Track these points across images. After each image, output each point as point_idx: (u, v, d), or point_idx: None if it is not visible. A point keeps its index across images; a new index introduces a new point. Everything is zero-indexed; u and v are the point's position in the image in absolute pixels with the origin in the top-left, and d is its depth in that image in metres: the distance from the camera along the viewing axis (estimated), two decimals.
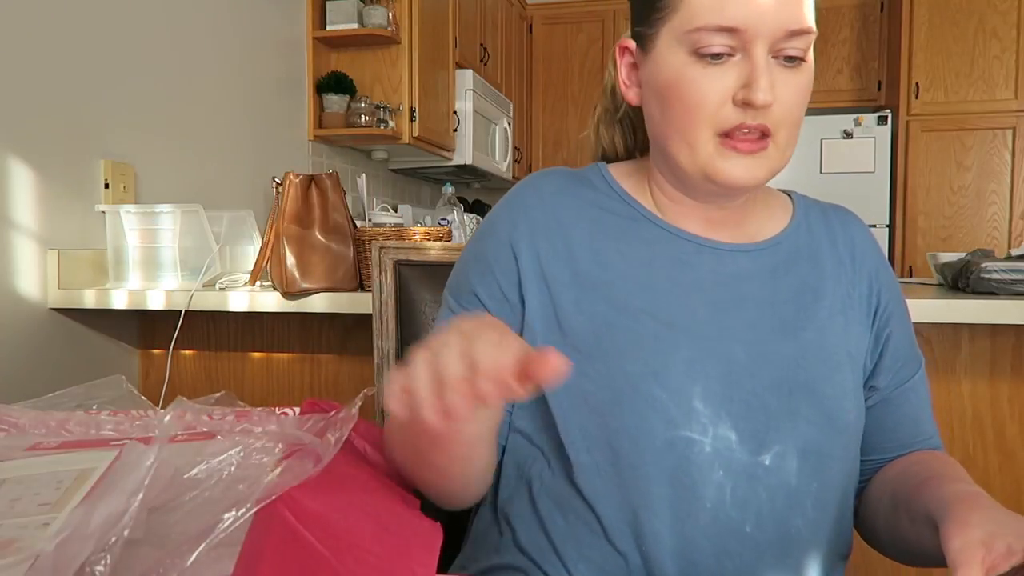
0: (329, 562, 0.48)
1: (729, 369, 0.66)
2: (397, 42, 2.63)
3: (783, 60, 0.64)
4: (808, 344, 0.68)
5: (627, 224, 0.72)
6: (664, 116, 0.67)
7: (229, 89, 2.12)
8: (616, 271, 0.69)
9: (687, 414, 0.64)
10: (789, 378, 0.66)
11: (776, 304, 0.70)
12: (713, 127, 0.64)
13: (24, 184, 1.43)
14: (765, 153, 0.65)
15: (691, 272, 0.70)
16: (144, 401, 0.73)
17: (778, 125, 0.64)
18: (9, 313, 1.41)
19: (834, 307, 0.71)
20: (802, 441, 0.66)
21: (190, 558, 0.46)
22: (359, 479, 0.62)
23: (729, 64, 0.63)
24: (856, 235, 0.77)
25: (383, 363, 0.98)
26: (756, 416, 0.65)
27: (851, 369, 0.70)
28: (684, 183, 0.70)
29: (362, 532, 0.53)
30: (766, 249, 0.72)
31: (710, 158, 0.65)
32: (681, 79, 0.64)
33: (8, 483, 0.53)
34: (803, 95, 0.66)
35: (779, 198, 0.79)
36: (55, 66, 1.50)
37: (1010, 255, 1.35)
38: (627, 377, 0.65)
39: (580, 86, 4.17)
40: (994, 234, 3.48)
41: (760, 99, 0.61)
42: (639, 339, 0.66)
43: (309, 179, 1.42)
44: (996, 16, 3.41)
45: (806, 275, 0.72)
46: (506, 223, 0.72)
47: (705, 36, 0.62)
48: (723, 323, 0.68)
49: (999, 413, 1.32)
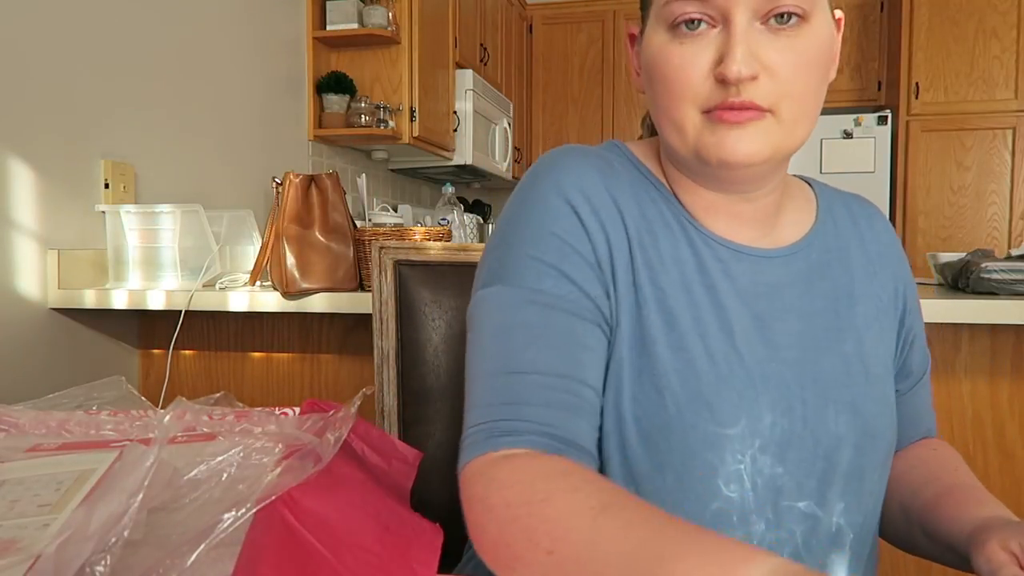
0: (329, 562, 0.48)
1: (780, 396, 0.62)
2: (397, 42, 2.63)
3: (774, 22, 0.56)
4: (850, 358, 0.65)
5: (667, 219, 0.65)
6: (653, 99, 0.61)
7: (229, 89, 2.12)
8: (663, 276, 0.62)
9: (731, 446, 0.60)
10: (834, 399, 0.63)
11: (815, 314, 0.65)
12: (697, 105, 0.58)
13: (24, 184, 1.43)
14: (761, 124, 0.57)
15: (732, 282, 0.63)
16: (144, 401, 0.73)
17: (777, 98, 0.56)
18: (9, 313, 1.41)
19: (868, 313, 0.67)
20: (845, 466, 0.63)
21: (190, 558, 0.46)
22: (359, 479, 0.62)
23: (709, 37, 0.56)
24: (881, 232, 0.73)
25: (383, 363, 0.98)
26: (804, 443, 0.62)
27: (888, 382, 0.68)
28: (689, 169, 0.64)
29: (362, 532, 0.53)
30: (799, 252, 0.67)
31: (699, 135, 0.58)
32: (660, 57, 0.59)
33: (8, 484, 0.53)
34: (806, 60, 0.57)
35: (802, 189, 0.73)
36: (55, 66, 1.50)
37: (1010, 255, 1.35)
38: (676, 405, 0.59)
39: (580, 86, 4.16)
40: (994, 234, 3.48)
41: (733, 72, 0.54)
42: (692, 364, 0.60)
43: (309, 179, 1.42)
44: (996, 16, 3.41)
45: (839, 279, 0.67)
46: (558, 193, 0.62)
47: (677, 6, 0.57)
48: (769, 340, 0.63)
49: (999, 413, 1.32)
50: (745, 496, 0.60)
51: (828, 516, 0.63)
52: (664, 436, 0.59)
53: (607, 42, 4.10)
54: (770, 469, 0.60)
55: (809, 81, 0.58)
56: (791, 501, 0.61)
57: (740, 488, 0.60)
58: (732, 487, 0.60)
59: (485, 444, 0.54)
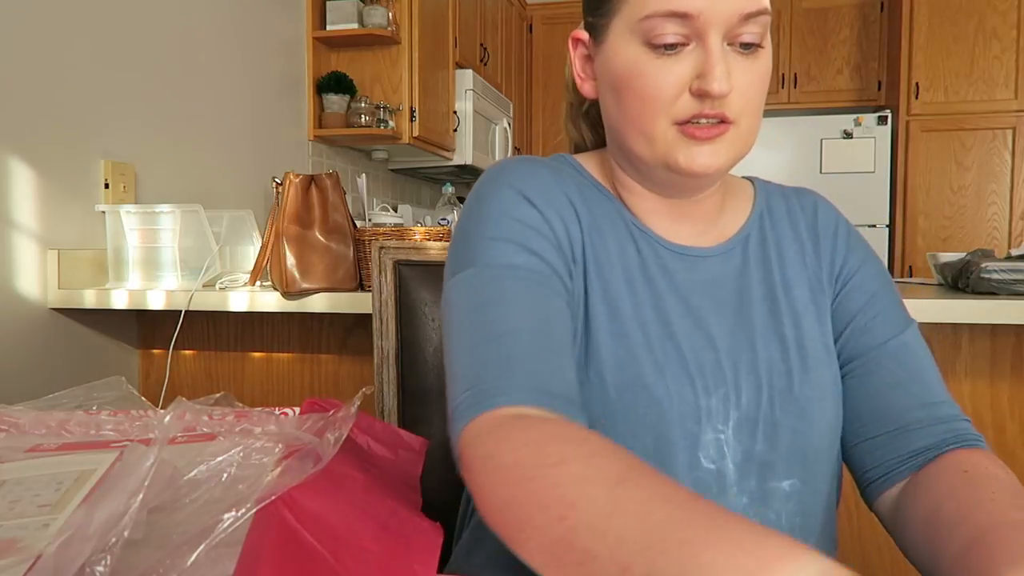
0: (329, 562, 0.48)
1: (715, 382, 0.65)
2: (397, 42, 2.63)
3: (739, 47, 0.62)
4: (788, 344, 0.67)
5: (613, 222, 0.70)
6: (620, 109, 0.65)
7: (229, 89, 2.12)
8: (607, 273, 0.67)
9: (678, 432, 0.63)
10: (770, 385, 0.66)
11: (752, 304, 0.69)
12: (670, 117, 0.62)
13: (24, 184, 1.43)
14: (725, 137, 0.63)
15: (670, 279, 0.68)
16: (144, 402, 0.73)
17: (738, 114, 0.62)
18: (9, 313, 1.41)
19: (804, 296, 0.70)
20: (785, 450, 0.65)
21: (190, 558, 0.46)
22: (359, 479, 0.62)
23: (684, 54, 0.61)
24: (819, 213, 0.75)
25: (383, 363, 0.98)
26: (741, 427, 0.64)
27: (828, 364, 0.69)
28: (646, 176, 0.68)
29: (362, 532, 0.53)
30: (735, 248, 0.71)
31: (669, 147, 0.63)
32: (635, 71, 0.62)
33: (8, 484, 0.53)
34: (762, 82, 0.64)
35: (743, 186, 0.77)
36: (55, 66, 1.50)
37: (1010, 255, 1.35)
38: (619, 392, 0.63)
39: None
40: (994, 234, 3.48)
41: (716, 88, 0.59)
42: (631, 351, 0.64)
43: (309, 179, 1.42)
44: (996, 16, 3.41)
45: (773, 267, 0.71)
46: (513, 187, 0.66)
47: (657, 24, 0.60)
48: (705, 332, 0.66)
49: (999, 413, 1.32)
50: (698, 477, 0.63)
51: (781, 501, 0.65)
52: (608, 420, 0.62)
53: None
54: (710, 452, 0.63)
55: (761, 98, 0.65)
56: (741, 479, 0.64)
57: (689, 470, 0.63)
58: (679, 468, 0.63)
59: (480, 405, 0.53)
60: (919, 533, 0.60)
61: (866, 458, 0.69)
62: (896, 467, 0.67)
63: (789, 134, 3.69)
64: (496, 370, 0.55)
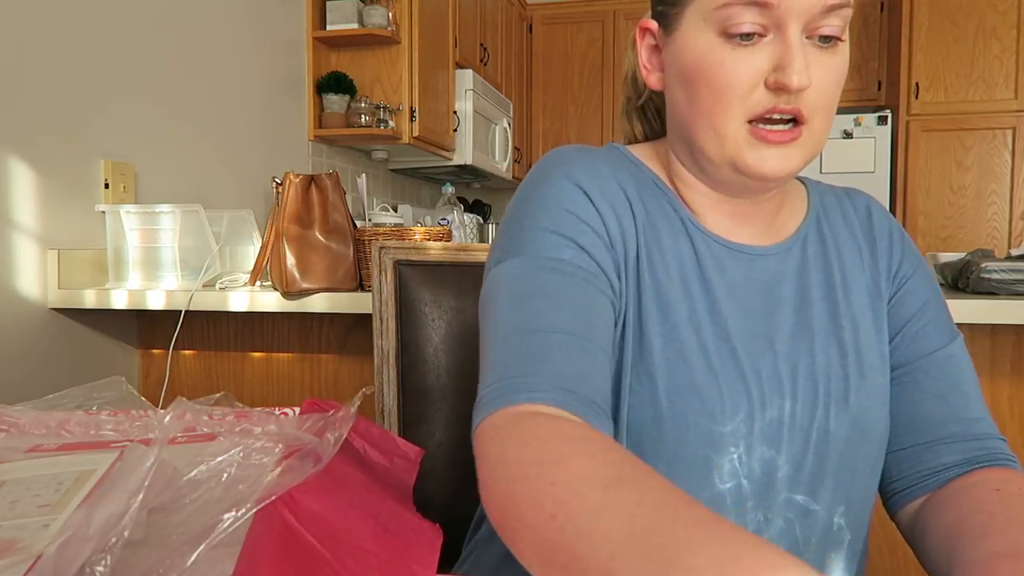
0: (329, 562, 0.48)
1: (771, 389, 0.63)
2: (397, 42, 2.63)
3: (818, 40, 0.59)
4: (846, 348, 0.66)
5: (669, 217, 0.67)
6: (690, 101, 0.62)
7: (229, 89, 2.12)
8: (662, 270, 0.64)
9: (722, 439, 0.61)
10: (826, 392, 0.64)
11: (811, 306, 0.66)
12: (744, 112, 0.59)
13: (24, 184, 1.43)
14: (799, 142, 0.60)
15: (725, 279, 0.65)
16: (144, 402, 0.73)
17: (813, 110, 0.60)
18: (9, 313, 1.41)
19: (863, 301, 0.68)
20: (835, 461, 0.63)
21: (190, 558, 0.46)
22: (359, 479, 0.62)
23: (761, 44, 0.58)
24: (873, 215, 0.73)
25: (383, 363, 0.98)
26: (795, 438, 0.62)
27: (883, 372, 0.67)
28: (710, 174, 0.65)
29: (362, 532, 0.53)
30: (793, 247, 0.69)
31: (739, 148, 0.60)
32: (709, 61, 0.59)
33: (8, 484, 0.53)
34: (839, 78, 0.60)
35: (796, 186, 0.75)
36: (55, 66, 1.50)
37: (1010, 255, 1.35)
38: (668, 395, 0.60)
39: (580, 86, 4.17)
40: (994, 234, 3.48)
41: (795, 82, 0.57)
42: (684, 355, 0.62)
43: (309, 179, 1.42)
44: (996, 16, 3.41)
45: (833, 269, 0.69)
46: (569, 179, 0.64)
47: (735, 12, 0.58)
48: (763, 334, 0.64)
49: (999, 413, 1.32)
50: (741, 487, 0.61)
51: (827, 514, 0.63)
52: (656, 425, 0.60)
53: (607, 42, 4.10)
54: (760, 462, 0.62)
55: (837, 95, 0.62)
56: (788, 493, 0.62)
57: (734, 479, 0.61)
58: (725, 478, 0.61)
59: (503, 399, 0.52)
60: (941, 541, 0.59)
61: (894, 468, 0.68)
62: (924, 479, 0.66)
63: None
64: (525, 366, 0.54)
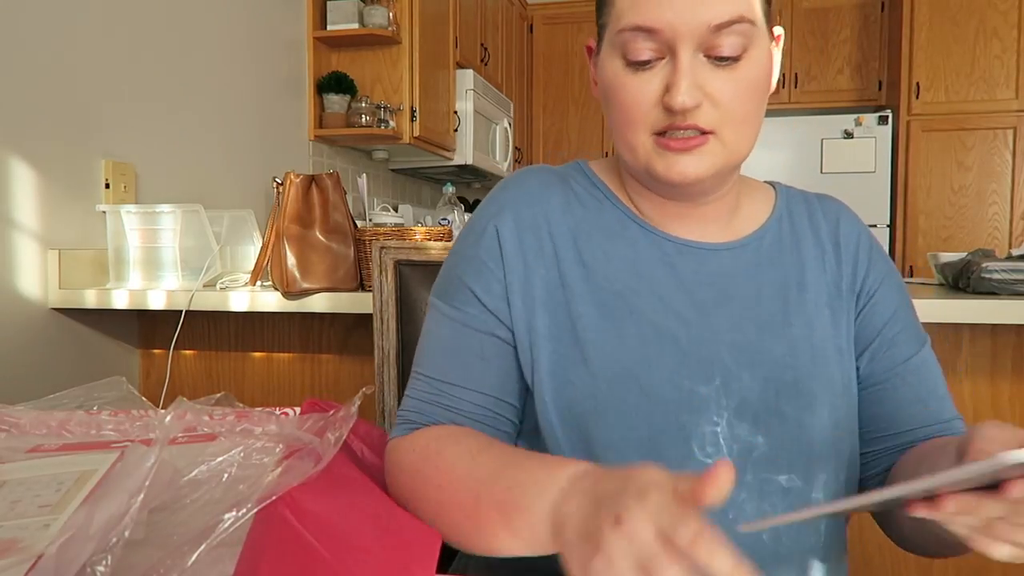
0: (329, 562, 0.49)
1: (715, 373, 0.65)
2: (397, 42, 2.63)
3: (715, 60, 0.61)
4: (796, 340, 0.68)
5: (611, 223, 0.71)
6: (610, 117, 0.68)
7: (230, 89, 2.12)
8: (600, 272, 0.68)
9: (672, 423, 0.63)
10: (775, 378, 0.66)
11: (762, 300, 0.69)
12: (648, 128, 0.64)
13: (24, 184, 1.43)
14: (706, 148, 0.63)
15: (674, 273, 0.69)
16: (144, 402, 0.73)
17: (716, 124, 0.62)
18: (9, 313, 1.41)
19: (819, 299, 0.70)
20: (787, 444, 0.65)
21: (191, 558, 0.46)
22: (359, 479, 0.62)
23: (658, 68, 0.62)
24: (842, 223, 0.75)
25: (383, 363, 0.98)
26: (742, 424, 0.65)
27: (839, 364, 0.69)
28: (644, 182, 0.70)
29: (362, 532, 0.53)
30: (748, 244, 0.72)
31: (649, 157, 0.64)
32: (615, 84, 0.65)
33: (9, 484, 0.53)
34: (747, 91, 0.63)
35: (763, 191, 0.78)
36: (55, 66, 1.50)
37: (1011, 255, 1.34)
38: (610, 385, 0.64)
39: (580, 86, 4.16)
40: (995, 234, 3.48)
41: (678, 103, 0.60)
42: (623, 344, 0.65)
43: (310, 179, 1.42)
44: (996, 16, 3.40)
45: (789, 268, 0.71)
46: (493, 218, 0.71)
47: (629, 38, 0.62)
48: (710, 324, 0.67)
49: (1000, 413, 1.32)
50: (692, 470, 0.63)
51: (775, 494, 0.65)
52: (601, 412, 0.64)
53: None
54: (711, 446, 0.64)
55: (748, 106, 0.64)
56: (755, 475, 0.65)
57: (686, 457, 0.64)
58: (674, 457, 0.64)
59: (399, 428, 0.70)
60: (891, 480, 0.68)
61: (873, 467, 0.72)
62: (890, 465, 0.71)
63: (789, 134, 3.69)
64: (413, 404, 0.70)
